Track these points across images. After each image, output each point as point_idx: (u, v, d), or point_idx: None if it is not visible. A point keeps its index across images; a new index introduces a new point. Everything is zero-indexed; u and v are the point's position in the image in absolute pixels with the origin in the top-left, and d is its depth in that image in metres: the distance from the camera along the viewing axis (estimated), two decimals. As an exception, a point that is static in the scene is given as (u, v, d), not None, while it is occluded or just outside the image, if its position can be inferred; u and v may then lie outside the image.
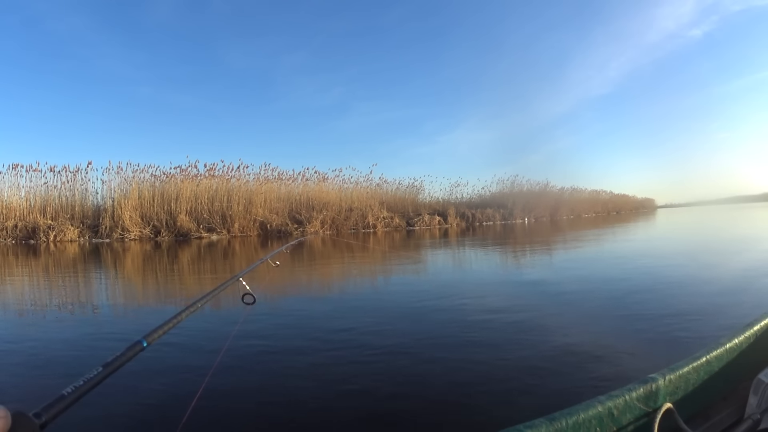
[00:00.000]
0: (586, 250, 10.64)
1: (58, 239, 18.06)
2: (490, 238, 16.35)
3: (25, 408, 0.49)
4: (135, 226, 19.17)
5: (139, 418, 2.13)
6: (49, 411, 0.53)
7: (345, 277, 7.61)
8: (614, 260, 8.05)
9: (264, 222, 21.06)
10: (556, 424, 1.01)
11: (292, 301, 5.26)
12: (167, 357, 2.91)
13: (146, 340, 0.79)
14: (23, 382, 2.64)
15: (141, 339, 0.78)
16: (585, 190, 44.77)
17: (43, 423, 0.51)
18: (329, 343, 3.26)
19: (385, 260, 9.56)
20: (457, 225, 28.10)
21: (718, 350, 1.46)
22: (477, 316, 3.95)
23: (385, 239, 17.52)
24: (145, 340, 0.78)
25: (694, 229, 17.67)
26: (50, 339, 3.64)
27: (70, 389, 0.58)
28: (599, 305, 4.27)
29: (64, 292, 6.56)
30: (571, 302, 4.51)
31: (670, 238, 13.76)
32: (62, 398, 0.56)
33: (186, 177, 21.14)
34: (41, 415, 0.52)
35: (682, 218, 27.86)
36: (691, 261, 7.44)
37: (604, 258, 8.70)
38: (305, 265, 9.38)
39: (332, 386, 2.42)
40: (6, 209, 18.84)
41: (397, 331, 3.52)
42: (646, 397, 1.21)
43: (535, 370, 2.54)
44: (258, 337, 3.42)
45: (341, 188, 25.55)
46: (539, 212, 35.46)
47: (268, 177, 23.02)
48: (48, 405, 0.54)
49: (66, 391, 0.57)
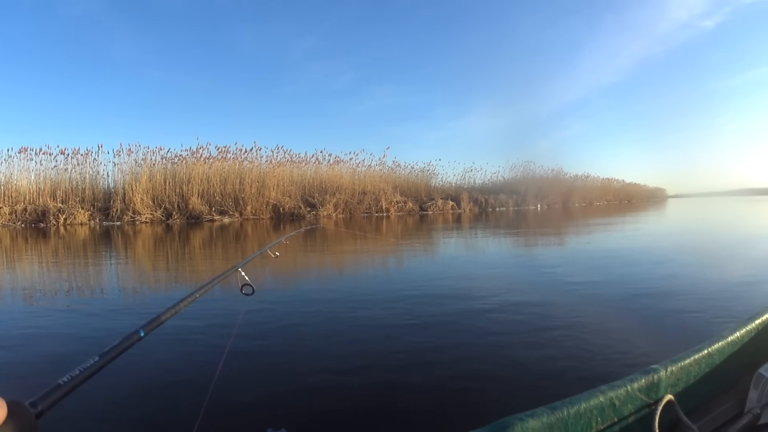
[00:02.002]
0: (625, 241, 9.88)
1: (68, 222, 17.49)
2: (507, 224, 15.69)
3: (21, 398, 0.47)
4: (146, 209, 18.54)
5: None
6: (45, 400, 0.52)
7: (372, 267, 6.91)
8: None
9: (277, 205, 20.37)
10: (557, 413, 1.00)
11: (300, 288, 4.90)
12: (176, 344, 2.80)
13: (143, 330, 0.75)
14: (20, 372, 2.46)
15: (138, 329, 0.75)
16: (597, 178, 44.09)
17: (39, 412, 0.49)
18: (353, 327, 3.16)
19: (403, 248, 8.87)
20: (470, 210, 27.42)
21: (720, 343, 1.42)
22: (511, 313, 3.46)
23: (398, 223, 16.93)
24: (142, 330, 0.75)
25: (729, 224, 16.33)
26: (53, 328, 3.35)
27: (66, 378, 0.56)
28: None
29: (73, 276, 6.10)
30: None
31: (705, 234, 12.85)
32: (58, 387, 0.55)
33: (197, 159, 20.47)
34: (37, 405, 0.50)
35: (699, 210, 26.55)
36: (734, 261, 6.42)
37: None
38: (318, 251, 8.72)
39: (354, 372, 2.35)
40: (15, 193, 18.29)
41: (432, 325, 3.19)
42: (648, 388, 1.19)
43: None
44: (265, 322, 3.31)
45: (354, 171, 24.72)
46: (552, 199, 34.90)
47: (281, 160, 22.29)
48: (44, 394, 0.52)
49: (62, 381, 0.56)
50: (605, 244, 8.48)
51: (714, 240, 9.20)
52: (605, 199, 43.86)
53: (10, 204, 17.84)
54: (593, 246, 8.33)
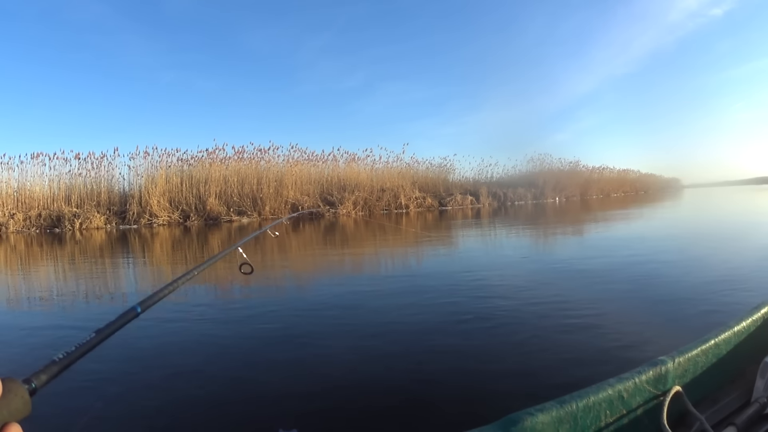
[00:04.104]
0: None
1: (84, 227, 16.79)
2: (530, 218, 15.00)
3: (14, 375, 0.45)
4: (163, 211, 17.77)
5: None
6: (40, 377, 0.49)
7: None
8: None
9: (296, 204, 19.51)
10: (566, 407, 1.00)
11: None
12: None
13: (140, 306, 0.71)
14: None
15: (135, 305, 0.70)
16: (614, 170, 42.74)
17: (33, 389, 0.47)
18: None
19: (439, 248, 8.11)
20: (489, 205, 26.40)
21: (726, 333, 1.41)
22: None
23: (418, 220, 16.20)
24: (139, 306, 0.70)
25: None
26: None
27: (61, 355, 0.53)
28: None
29: (90, 281, 5.82)
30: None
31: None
32: (53, 364, 0.52)
33: (214, 160, 19.73)
34: (31, 381, 0.48)
35: (720, 200, 25.19)
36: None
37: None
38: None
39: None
40: (29, 198, 17.64)
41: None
42: (656, 380, 1.18)
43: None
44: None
45: (372, 168, 23.73)
46: (570, 191, 33.96)
47: (298, 158, 21.40)
48: (39, 371, 0.50)
49: (57, 357, 0.53)
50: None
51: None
52: (622, 190, 42.53)
53: (24, 210, 17.19)
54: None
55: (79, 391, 1.96)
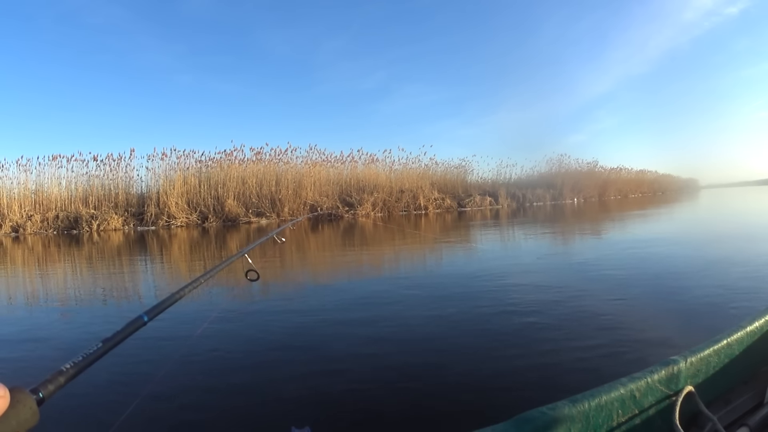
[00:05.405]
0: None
1: (101, 228, 16.39)
2: (550, 219, 14.31)
3: (22, 384, 0.44)
4: (181, 213, 17.31)
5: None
6: (47, 387, 0.49)
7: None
8: None
9: (314, 205, 18.91)
10: (578, 406, 0.98)
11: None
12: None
13: (147, 315, 0.70)
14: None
15: (142, 314, 0.70)
16: (631, 170, 41.54)
17: (40, 399, 0.47)
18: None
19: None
20: (507, 206, 25.58)
21: (739, 333, 1.35)
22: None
23: (437, 221, 15.51)
24: (146, 315, 0.70)
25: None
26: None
27: (69, 365, 0.53)
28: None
29: (107, 281, 5.65)
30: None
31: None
32: (60, 374, 0.52)
33: (232, 161, 19.24)
34: (39, 391, 0.48)
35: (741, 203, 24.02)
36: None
37: None
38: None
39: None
40: (46, 200, 17.33)
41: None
42: (668, 379, 1.15)
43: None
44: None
45: (391, 170, 23.00)
46: (588, 192, 33.11)
47: (317, 160, 20.81)
48: (46, 381, 0.50)
49: (65, 367, 0.52)
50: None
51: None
52: (640, 191, 41.32)
53: (42, 211, 16.86)
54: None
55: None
